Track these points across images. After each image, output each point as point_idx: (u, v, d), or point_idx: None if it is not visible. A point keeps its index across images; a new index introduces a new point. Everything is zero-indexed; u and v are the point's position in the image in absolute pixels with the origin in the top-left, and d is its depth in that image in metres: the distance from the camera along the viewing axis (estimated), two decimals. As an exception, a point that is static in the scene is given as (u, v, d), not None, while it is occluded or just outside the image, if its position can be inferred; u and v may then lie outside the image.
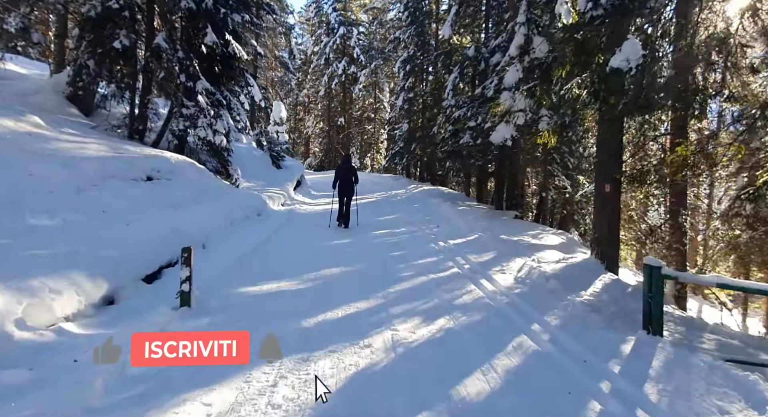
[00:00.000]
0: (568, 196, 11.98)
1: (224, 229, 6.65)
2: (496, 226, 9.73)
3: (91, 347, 2.46)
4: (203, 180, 8.29)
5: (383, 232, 8.66)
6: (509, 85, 11.16)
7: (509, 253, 6.60)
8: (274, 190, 11.66)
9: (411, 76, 19.21)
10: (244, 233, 6.90)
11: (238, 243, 6.17)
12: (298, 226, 8.56)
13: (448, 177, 20.36)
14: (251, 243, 6.32)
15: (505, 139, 10.89)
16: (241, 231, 7.01)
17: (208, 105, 9.65)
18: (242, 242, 6.28)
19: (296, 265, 5.34)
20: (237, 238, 6.45)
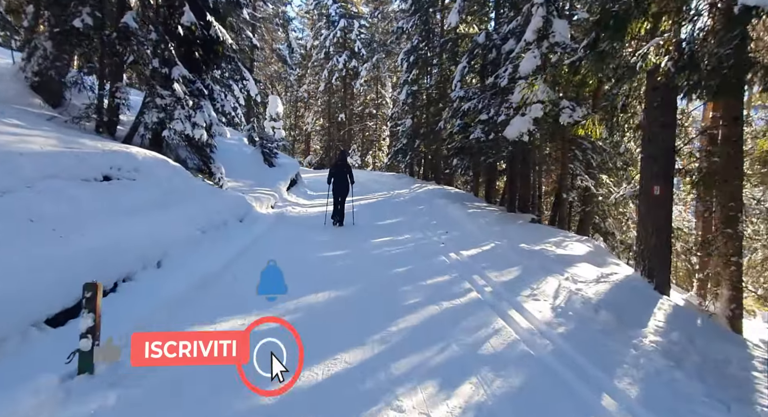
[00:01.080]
0: (591, 197, 10.80)
1: (192, 240, 5.51)
2: (513, 232, 8.57)
3: None
4: (176, 180, 7.14)
5: (384, 240, 7.50)
6: (525, 74, 9.99)
7: (536, 269, 5.44)
8: (264, 190, 10.52)
9: (415, 67, 18.02)
10: (217, 244, 5.77)
11: (206, 258, 5.03)
12: (285, 233, 7.42)
13: (454, 176, 19.17)
14: (223, 258, 5.18)
15: (521, 134, 9.73)
16: (214, 241, 5.87)
17: (186, 94, 8.51)
18: (212, 257, 5.14)
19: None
20: (206, 252, 5.32)
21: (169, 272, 4.40)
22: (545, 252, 6.94)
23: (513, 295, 4.38)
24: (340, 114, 30.63)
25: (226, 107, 9.52)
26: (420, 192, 14.91)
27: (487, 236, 8.07)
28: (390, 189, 15.95)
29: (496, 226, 9.19)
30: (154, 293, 3.70)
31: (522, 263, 5.81)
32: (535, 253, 6.69)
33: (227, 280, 4.44)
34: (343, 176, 8.34)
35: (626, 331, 3.61)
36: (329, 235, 7.72)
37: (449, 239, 7.79)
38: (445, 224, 9.33)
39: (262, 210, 9.01)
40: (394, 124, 23.65)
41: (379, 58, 28.57)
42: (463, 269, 5.51)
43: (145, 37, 7.99)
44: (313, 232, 7.95)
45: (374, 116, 31.38)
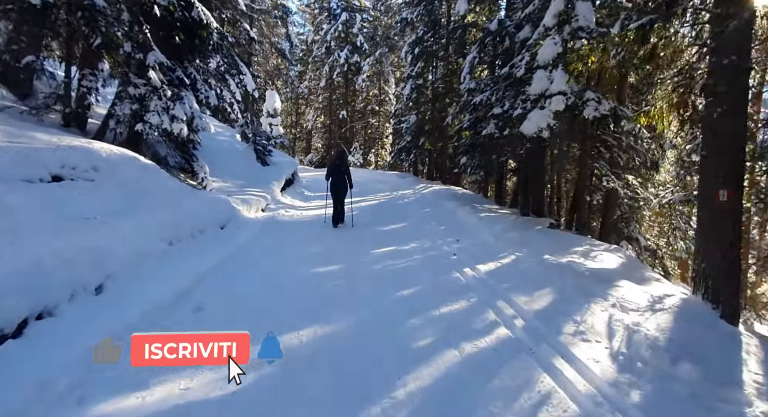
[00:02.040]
0: (613, 200, 9.76)
1: (155, 255, 4.53)
2: (533, 241, 7.56)
3: None
4: (146, 180, 6.17)
5: (387, 250, 6.50)
6: (544, 62, 8.97)
7: (573, 292, 4.43)
8: (254, 191, 9.53)
9: (420, 60, 16.97)
10: (186, 259, 4.78)
11: (166, 279, 4.05)
12: (272, 243, 6.43)
13: (461, 175, 18.15)
14: (188, 278, 4.19)
15: (540, 130, 8.72)
16: (183, 255, 4.89)
17: (164, 84, 7.53)
18: (174, 277, 4.15)
19: (240, 328, 3.21)
20: (170, 270, 4.33)
21: (108, 301, 3.41)
22: (575, 266, 5.93)
23: (554, 333, 3.37)
24: (341, 111, 29.61)
25: (211, 99, 8.55)
26: (426, 193, 13.90)
27: (504, 246, 7.06)
28: (393, 189, 14.94)
29: (513, 232, 8.17)
30: (73, 338, 2.72)
31: (553, 282, 4.80)
32: (563, 267, 5.67)
33: (185, 312, 3.45)
34: (341, 174, 7.99)
35: (720, 393, 2.61)
36: (323, 244, 6.72)
37: (461, 249, 6.79)
38: (456, 230, 8.33)
39: (249, 214, 8.02)
40: (398, 120, 22.63)
41: (382, 52, 27.54)
42: (482, 291, 4.50)
43: (115, 18, 7.00)
44: (306, 240, 6.96)
45: (377, 113, 30.34)
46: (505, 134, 9.24)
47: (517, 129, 9.10)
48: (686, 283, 12.03)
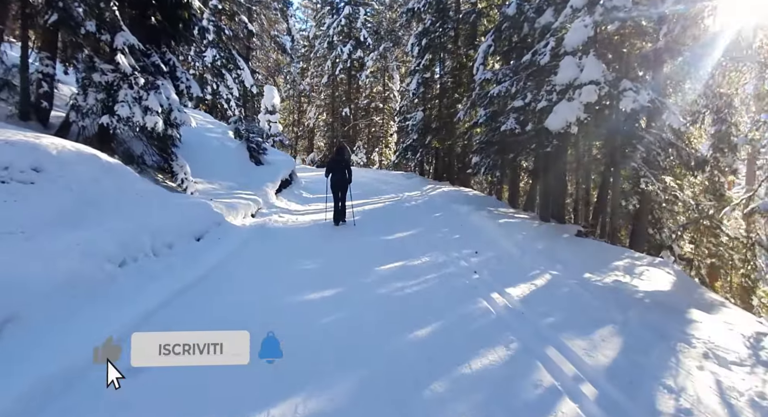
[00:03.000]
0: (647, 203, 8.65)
1: (94, 280, 3.47)
2: (563, 252, 6.48)
3: None
4: (106, 183, 5.13)
5: (394, 266, 5.43)
6: (573, 48, 7.87)
7: (643, 331, 3.35)
8: (244, 194, 8.49)
9: (427, 52, 15.86)
10: (138, 285, 3.73)
11: (97, 319, 2.99)
12: (257, 258, 5.36)
13: (470, 176, 17.04)
14: (128, 316, 3.13)
15: (568, 124, 7.63)
16: (136, 279, 3.84)
17: (136, 70, 6.50)
18: (111, 315, 3.10)
19: (183, 405, 2.18)
20: (108, 303, 3.28)
21: (13, 351, 2.36)
22: (625, 288, 4.84)
23: (645, 413, 2.29)
24: (344, 108, 28.55)
25: (194, 89, 7.50)
26: (434, 195, 12.81)
27: (533, 260, 5.97)
28: (399, 191, 13.86)
29: (539, 242, 7.08)
30: None
31: (610, 315, 3.71)
32: (614, 292, 4.58)
33: (93, 388, 2.36)
34: (341, 171, 7.73)
35: None
36: (320, 258, 5.66)
37: (483, 264, 5.71)
38: (472, 239, 7.25)
39: (236, 221, 6.97)
40: (403, 118, 21.53)
41: (386, 47, 26.46)
42: (522, 330, 3.42)
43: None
44: (299, 252, 5.90)
45: (381, 111, 29.24)
46: (528, 130, 8.14)
47: (542, 124, 8.01)
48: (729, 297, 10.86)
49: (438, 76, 16.33)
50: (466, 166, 17.00)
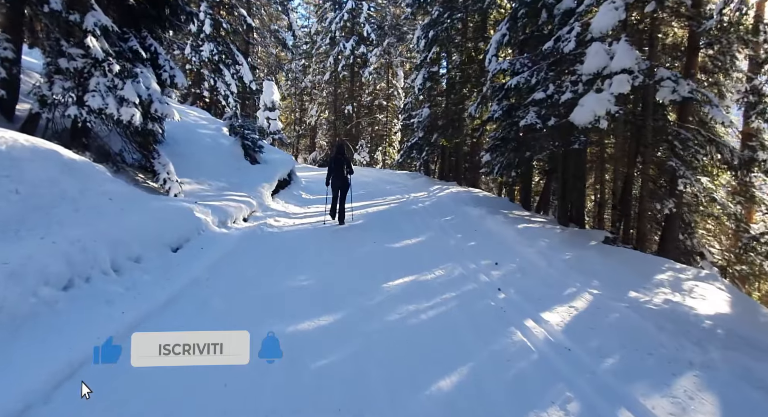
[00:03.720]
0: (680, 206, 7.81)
1: (18, 315, 2.67)
2: (596, 264, 5.68)
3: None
4: (68, 183, 4.36)
5: (404, 283, 4.63)
6: (601, 33, 7.05)
7: (739, 383, 2.55)
8: (237, 195, 7.71)
9: (435, 45, 15.03)
10: (81, 316, 2.94)
11: (13, 367, 2.21)
12: (242, 274, 4.55)
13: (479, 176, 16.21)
14: (46, 371, 2.33)
15: (597, 118, 6.81)
16: (80, 307, 3.05)
17: (110, 55, 5.71)
18: (36, 355, 2.32)
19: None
20: (40, 340, 2.49)
21: None
22: (682, 312, 4.03)
23: None
24: (346, 106, 27.72)
25: (178, 79, 6.71)
26: (442, 196, 12.00)
27: (562, 273, 5.17)
28: (404, 191, 13.04)
29: (565, 250, 6.28)
30: None
31: (684, 355, 2.91)
32: (672, 318, 3.77)
33: None
34: (341, 169, 7.43)
35: None
36: (316, 272, 4.85)
37: (506, 278, 4.92)
38: (489, 247, 6.45)
39: (224, 226, 6.18)
40: (408, 115, 20.71)
41: (390, 42, 25.63)
42: (576, 379, 2.62)
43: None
44: (294, 263, 5.10)
45: (384, 109, 28.41)
46: (550, 125, 7.32)
47: (566, 118, 7.20)
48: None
49: (445, 71, 15.50)
50: (475, 165, 16.19)
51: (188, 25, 7.94)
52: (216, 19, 18.06)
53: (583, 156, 9.80)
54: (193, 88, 19.36)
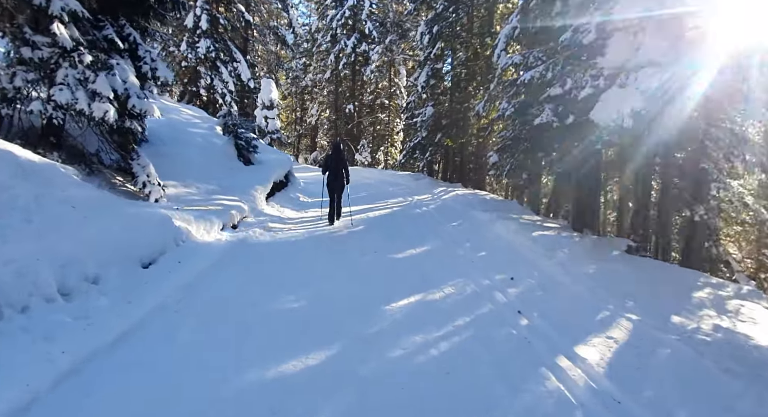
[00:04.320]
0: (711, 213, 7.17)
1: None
2: (623, 278, 5.06)
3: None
4: (19, 189, 3.75)
5: (409, 303, 4.01)
6: (625, 23, 6.45)
7: None
8: (227, 200, 7.10)
9: (439, 40, 14.40)
10: (18, 350, 2.33)
11: None
12: (220, 295, 3.92)
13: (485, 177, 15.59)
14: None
15: (620, 117, 6.17)
16: (22, 338, 2.45)
17: (81, 45, 5.11)
18: None
19: None
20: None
21: None
22: (743, 344, 3.42)
23: None
24: (348, 105, 27.09)
25: (161, 72, 6.10)
26: (447, 199, 11.38)
27: (590, 291, 4.54)
28: (407, 194, 12.42)
29: (587, 262, 5.65)
30: None
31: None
32: (734, 354, 3.14)
33: None
34: (338, 169, 7.34)
35: None
36: (308, 291, 4.23)
37: (525, 297, 4.29)
38: (502, 258, 5.83)
39: (209, 235, 5.57)
40: (410, 114, 20.07)
41: (392, 40, 25.00)
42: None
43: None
44: (284, 279, 4.48)
45: (386, 108, 27.78)
46: (569, 123, 6.69)
47: (585, 115, 6.57)
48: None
49: (450, 68, 14.87)
50: (481, 166, 15.57)
51: (175, 13, 7.32)
52: (213, 14, 17.48)
53: (597, 157, 9.17)
54: (189, 86, 18.78)
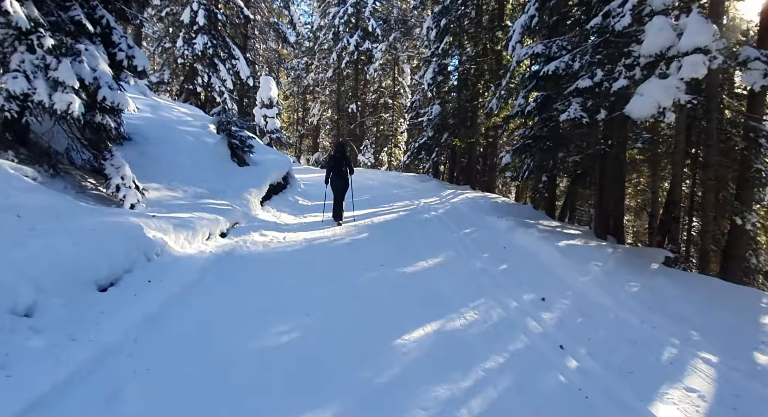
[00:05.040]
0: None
1: None
2: (673, 298, 4.30)
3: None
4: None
5: (424, 335, 3.27)
6: (665, 5, 5.71)
7: None
8: (216, 204, 6.37)
9: (447, 35, 13.64)
10: None
11: None
12: (191, 328, 3.17)
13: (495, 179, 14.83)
14: None
15: (661, 110, 5.43)
16: None
17: (41, 26, 4.39)
18: None
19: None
20: None
21: None
22: None
23: None
24: (350, 105, 26.37)
25: (138, 61, 5.36)
26: (456, 202, 10.62)
27: (640, 317, 3.79)
28: (413, 197, 11.66)
29: (627, 278, 4.89)
30: None
31: None
32: None
33: None
34: (341, 170, 7.45)
35: None
36: (301, 318, 3.48)
37: (565, 327, 3.54)
38: (528, 274, 5.08)
39: (191, 246, 4.83)
40: (415, 114, 19.36)
41: (396, 37, 24.27)
42: None
43: None
44: (271, 304, 3.74)
45: (390, 108, 27.04)
46: (601, 119, 5.93)
47: (619, 110, 5.82)
48: None
49: (458, 63, 14.10)
50: (491, 167, 14.81)
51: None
52: (210, 9, 16.81)
53: (622, 157, 8.40)
54: (186, 84, 18.13)
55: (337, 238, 6.50)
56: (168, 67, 19.10)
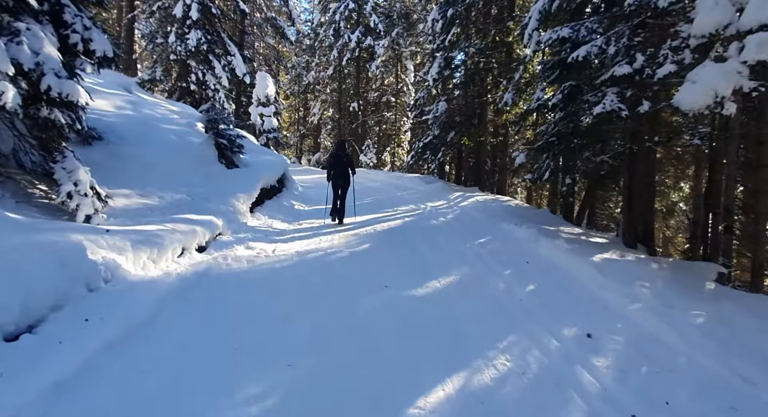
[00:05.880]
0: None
1: None
2: (755, 337, 3.40)
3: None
4: None
5: (444, 395, 2.40)
6: (720, -23, 4.82)
7: None
8: (193, 214, 5.51)
9: (453, 26, 12.75)
10: None
11: None
12: (124, 395, 2.32)
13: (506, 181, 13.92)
14: None
15: (719, 99, 4.56)
16: None
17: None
18: None
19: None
20: None
21: None
22: None
23: None
24: (352, 103, 25.51)
25: (96, 45, 4.53)
26: (466, 206, 9.74)
27: (725, 365, 2.93)
28: (419, 200, 10.78)
29: (685, 303, 4.01)
30: None
31: None
32: None
33: None
34: (342, 168, 7.27)
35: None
36: (279, 376, 2.63)
37: (627, 380, 2.68)
38: (563, 298, 4.20)
39: (154, 268, 3.98)
40: (419, 112, 18.46)
41: (399, 32, 23.39)
42: None
43: None
44: (240, 352, 2.88)
45: (393, 106, 26.17)
46: (642, 112, 5.04)
47: (665, 101, 4.94)
48: None
49: (465, 57, 13.20)
50: (501, 168, 13.93)
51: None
52: (204, 3, 15.99)
53: (652, 156, 7.53)
54: (179, 81, 17.30)
55: (334, 251, 5.64)
56: (160, 64, 18.33)
